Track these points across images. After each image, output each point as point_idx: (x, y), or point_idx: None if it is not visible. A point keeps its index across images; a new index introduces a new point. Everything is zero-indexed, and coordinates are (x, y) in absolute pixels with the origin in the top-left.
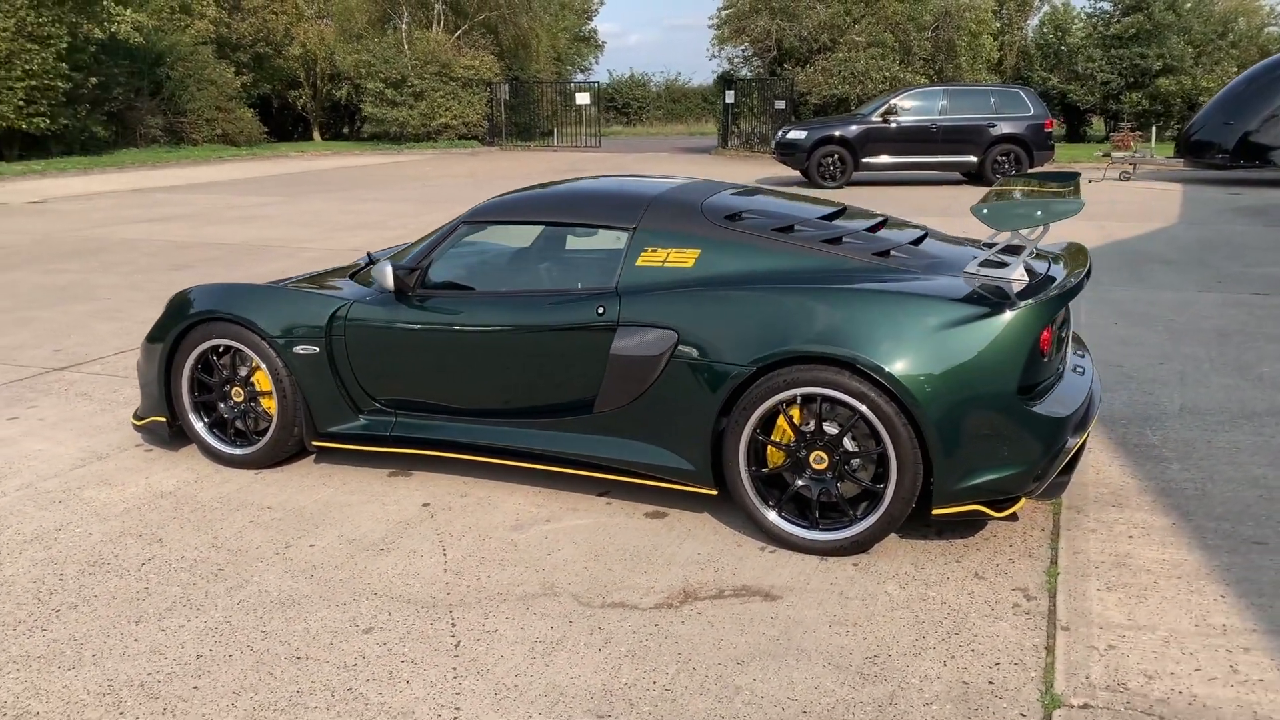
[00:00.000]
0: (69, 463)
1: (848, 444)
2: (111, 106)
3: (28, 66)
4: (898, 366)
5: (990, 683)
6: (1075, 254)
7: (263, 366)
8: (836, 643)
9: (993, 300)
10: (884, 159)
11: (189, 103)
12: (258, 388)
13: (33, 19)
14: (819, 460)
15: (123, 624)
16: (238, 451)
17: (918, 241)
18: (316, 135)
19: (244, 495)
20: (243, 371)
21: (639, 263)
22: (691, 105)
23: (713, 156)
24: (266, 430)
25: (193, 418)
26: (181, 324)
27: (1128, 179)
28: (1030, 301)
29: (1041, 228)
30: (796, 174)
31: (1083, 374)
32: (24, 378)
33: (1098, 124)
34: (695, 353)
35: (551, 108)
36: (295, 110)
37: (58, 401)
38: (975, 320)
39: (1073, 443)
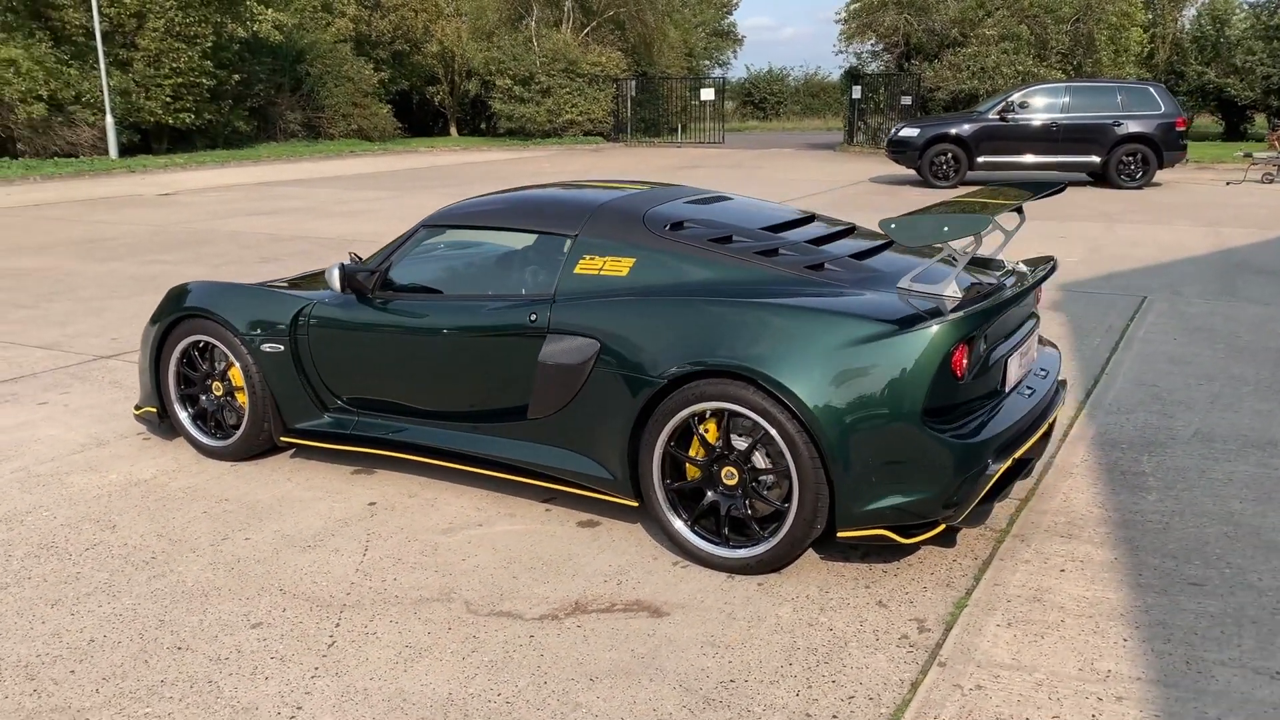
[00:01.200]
0: (70, 448)
1: (758, 461)
2: (253, 102)
3: (175, 65)
4: (798, 383)
5: (834, 716)
6: (1035, 266)
7: (236, 363)
8: (699, 664)
9: (899, 318)
10: (1000, 158)
11: (326, 98)
12: (233, 383)
13: (180, 19)
14: (729, 476)
15: (40, 606)
16: (216, 443)
17: (867, 254)
18: (453, 130)
19: (210, 486)
20: (220, 366)
21: (576, 270)
22: (830, 100)
23: (836, 153)
24: (240, 424)
25: (178, 408)
26: (169, 317)
27: (1270, 181)
28: (939, 320)
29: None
30: (911, 173)
31: (1029, 395)
32: (71, 364)
33: (1261, 121)
34: (616, 362)
35: (682, 103)
36: (434, 106)
37: (88, 389)
38: (878, 339)
39: (995, 468)
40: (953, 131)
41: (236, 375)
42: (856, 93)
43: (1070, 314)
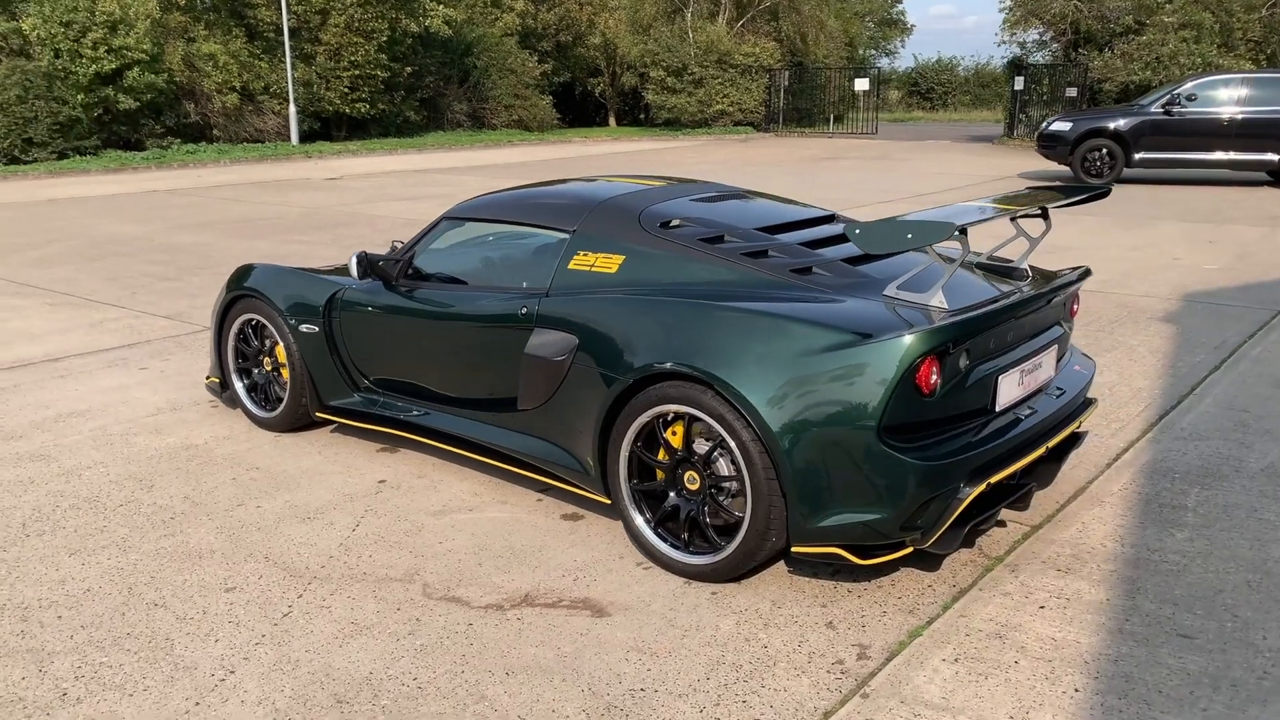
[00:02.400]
0: (147, 410)
1: (722, 468)
2: (424, 93)
3: (353, 58)
4: (753, 390)
5: None
6: (1056, 277)
7: (280, 342)
8: (618, 669)
9: (862, 328)
10: (1162, 154)
11: (491, 90)
12: (279, 360)
13: (359, 15)
14: (691, 481)
15: (61, 554)
16: (264, 415)
17: (862, 259)
18: (612, 121)
19: (249, 455)
20: (269, 344)
21: (570, 266)
22: (1000, 90)
23: (994, 146)
24: (283, 398)
25: (235, 380)
26: (230, 295)
27: None
28: (904, 332)
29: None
30: (1065, 169)
31: (1028, 415)
32: (182, 334)
33: None
34: (591, 359)
35: (839, 93)
36: (595, 97)
37: (187, 357)
38: (838, 349)
39: (967, 492)
40: (1109, 126)
41: (281, 353)
42: (1019, 83)
43: (1182, 326)
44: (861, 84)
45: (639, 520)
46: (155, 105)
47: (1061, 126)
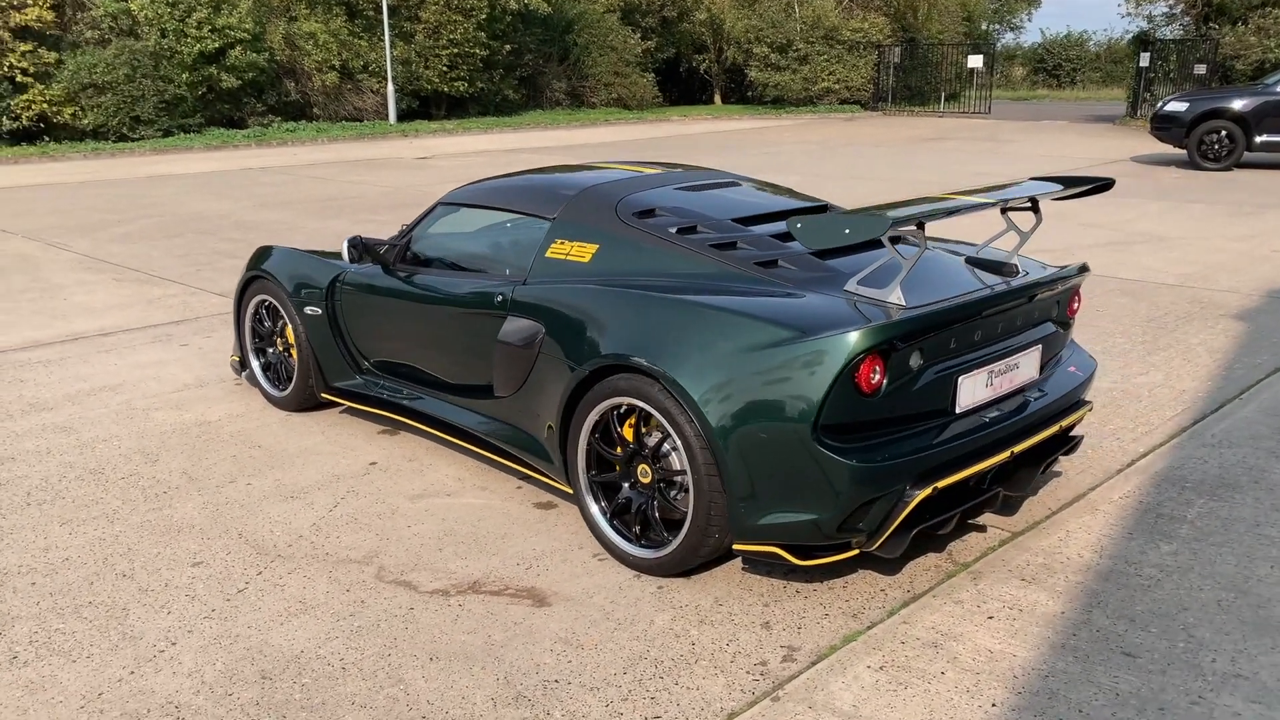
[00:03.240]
0: (175, 386)
1: (673, 462)
2: (523, 71)
3: (452, 36)
4: (695, 385)
5: None
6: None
7: (289, 324)
8: (539, 660)
9: (804, 324)
10: None
11: (590, 68)
12: (289, 340)
13: None
14: (644, 474)
15: (53, 523)
16: (277, 394)
17: (832, 253)
18: (717, 99)
19: (255, 433)
20: (280, 325)
21: (548, 254)
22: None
23: (1114, 127)
24: (294, 378)
25: (252, 358)
26: (246, 276)
27: None
28: (844, 330)
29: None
30: (1181, 152)
31: (995, 417)
32: (228, 312)
33: None
34: (557, 348)
35: (954, 70)
36: (700, 74)
37: (228, 335)
38: (778, 345)
39: (913, 495)
40: (1228, 106)
41: (290, 334)
42: (1144, 60)
43: (1255, 325)
44: (975, 61)
45: (595, 510)
46: (257, 84)
47: (1177, 107)
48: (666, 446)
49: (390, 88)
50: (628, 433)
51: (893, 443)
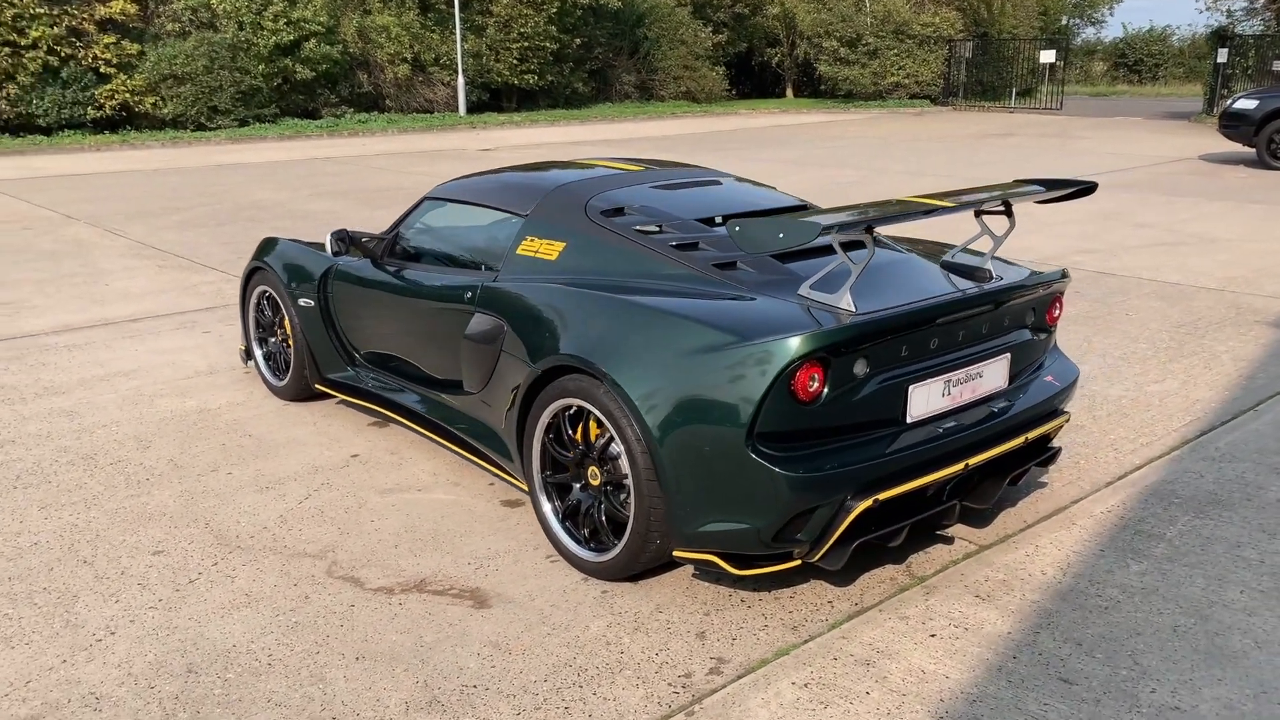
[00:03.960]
0: (185, 374)
1: (621, 465)
2: (592, 65)
3: (523, 29)
4: (635, 387)
5: None
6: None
7: (285, 315)
8: (462, 664)
9: (742, 329)
10: None
11: (660, 61)
12: (287, 331)
13: None
14: (594, 476)
15: (32, 508)
16: (277, 384)
17: (794, 255)
18: (789, 93)
19: (249, 422)
20: (279, 316)
21: (518, 251)
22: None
23: (1189, 124)
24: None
25: (255, 348)
26: (250, 266)
27: None
28: (781, 336)
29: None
30: (1251, 151)
31: (950, 430)
32: None
33: None
34: (516, 346)
35: (1028, 65)
36: (772, 68)
37: None
38: (716, 349)
39: (853, 505)
40: None
41: (287, 325)
42: (1221, 55)
43: None
44: (1048, 56)
45: (548, 510)
46: (330, 76)
47: (1246, 105)
48: (613, 449)
49: (460, 80)
50: (578, 434)
51: (834, 452)
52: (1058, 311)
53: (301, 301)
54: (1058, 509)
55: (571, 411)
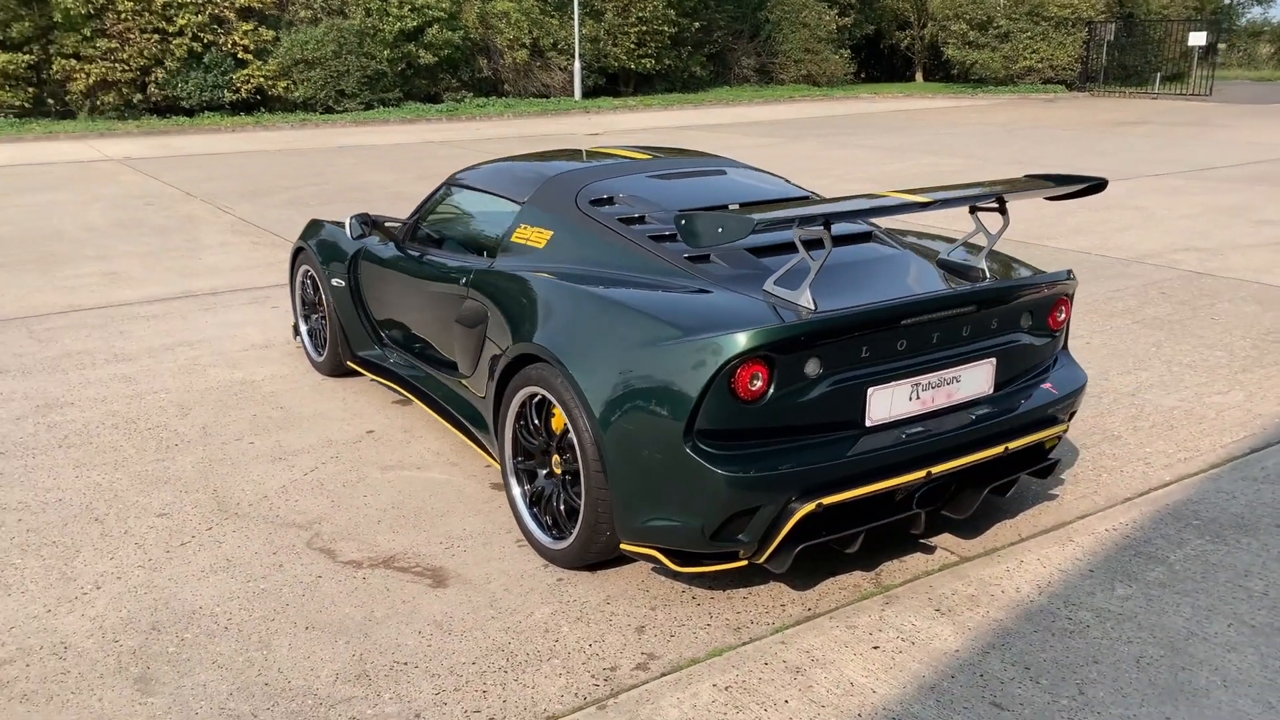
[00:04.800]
0: (243, 346)
1: (578, 454)
2: (711, 48)
3: (641, 14)
4: (587, 378)
5: None
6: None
7: (322, 294)
8: (402, 641)
9: (690, 324)
10: None
11: (781, 44)
12: (325, 309)
13: None
14: (556, 464)
15: (66, 467)
16: (318, 358)
17: (769, 249)
18: (919, 76)
19: (284, 395)
20: (319, 295)
21: (513, 239)
22: None
23: None
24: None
25: (301, 324)
26: (294, 247)
27: None
28: (723, 332)
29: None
30: None
31: (916, 436)
32: None
33: None
34: (495, 332)
35: (1179, 48)
36: (901, 51)
37: None
38: (663, 343)
39: (798, 507)
40: None
41: (324, 304)
42: None
43: None
44: (1196, 38)
45: (517, 494)
46: (452, 61)
47: None
48: (570, 438)
49: (577, 65)
50: (545, 422)
51: (780, 453)
52: (1063, 315)
53: (334, 281)
54: (1060, 524)
55: (537, 400)
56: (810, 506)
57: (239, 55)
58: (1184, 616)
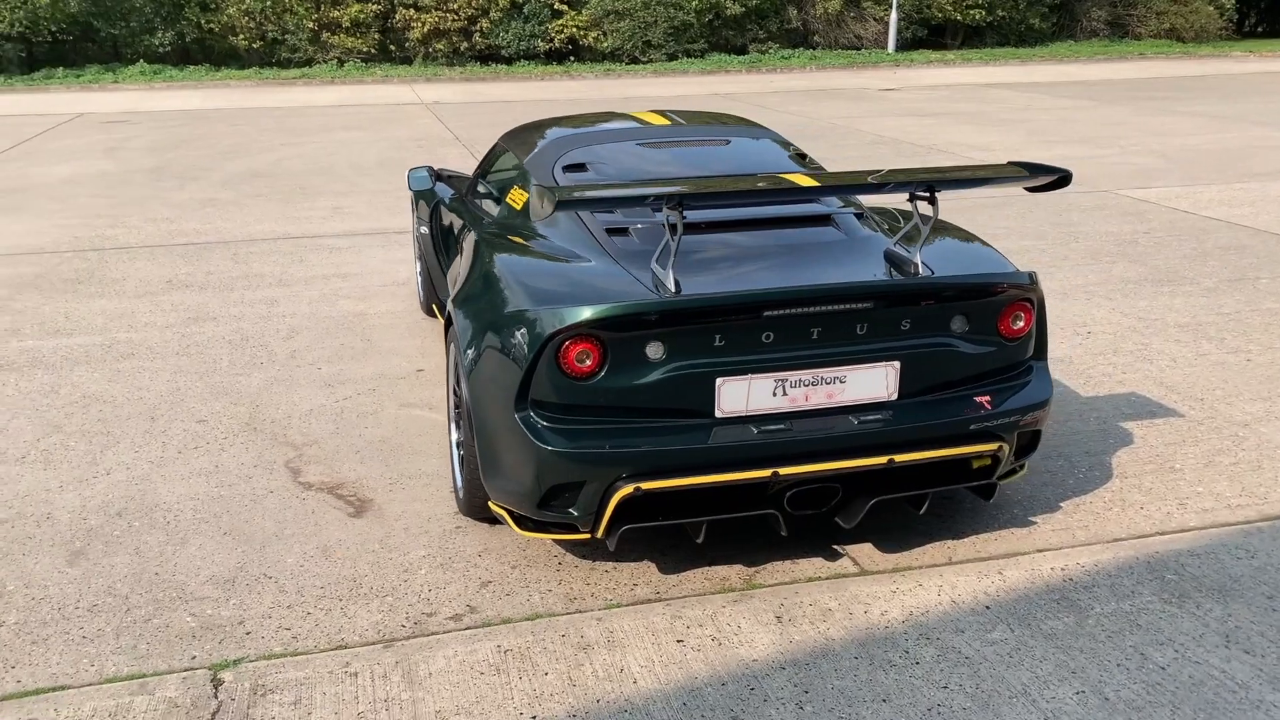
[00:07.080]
0: (384, 282)
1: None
2: None
3: None
4: (463, 337)
5: (245, 632)
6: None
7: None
8: (285, 560)
9: (540, 296)
10: None
11: None
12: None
13: None
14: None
15: (165, 371)
16: (422, 298)
17: (694, 229)
18: None
19: (380, 330)
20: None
21: (508, 199)
22: None
23: None
24: None
25: (416, 265)
26: (412, 197)
27: None
28: (552, 306)
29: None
30: None
31: (776, 433)
32: None
33: None
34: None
35: None
36: None
37: None
38: (513, 310)
39: (624, 486)
40: None
41: None
42: None
43: None
44: None
45: (452, 440)
46: (760, 11)
47: None
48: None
49: (893, 15)
50: None
51: (612, 432)
52: (1021, 324)
53: (421, 230)
54: (1008, 554)
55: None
56: (628, 490)
57: (555, 6)
58: (1034, 675)
